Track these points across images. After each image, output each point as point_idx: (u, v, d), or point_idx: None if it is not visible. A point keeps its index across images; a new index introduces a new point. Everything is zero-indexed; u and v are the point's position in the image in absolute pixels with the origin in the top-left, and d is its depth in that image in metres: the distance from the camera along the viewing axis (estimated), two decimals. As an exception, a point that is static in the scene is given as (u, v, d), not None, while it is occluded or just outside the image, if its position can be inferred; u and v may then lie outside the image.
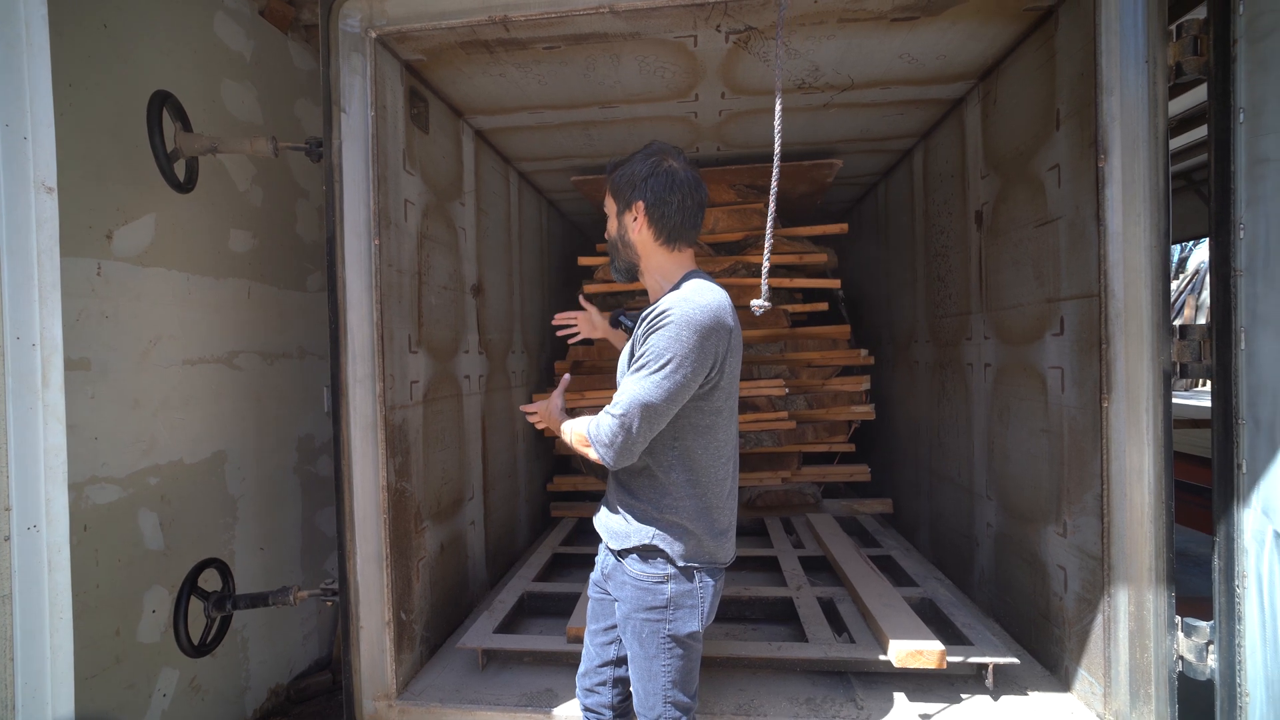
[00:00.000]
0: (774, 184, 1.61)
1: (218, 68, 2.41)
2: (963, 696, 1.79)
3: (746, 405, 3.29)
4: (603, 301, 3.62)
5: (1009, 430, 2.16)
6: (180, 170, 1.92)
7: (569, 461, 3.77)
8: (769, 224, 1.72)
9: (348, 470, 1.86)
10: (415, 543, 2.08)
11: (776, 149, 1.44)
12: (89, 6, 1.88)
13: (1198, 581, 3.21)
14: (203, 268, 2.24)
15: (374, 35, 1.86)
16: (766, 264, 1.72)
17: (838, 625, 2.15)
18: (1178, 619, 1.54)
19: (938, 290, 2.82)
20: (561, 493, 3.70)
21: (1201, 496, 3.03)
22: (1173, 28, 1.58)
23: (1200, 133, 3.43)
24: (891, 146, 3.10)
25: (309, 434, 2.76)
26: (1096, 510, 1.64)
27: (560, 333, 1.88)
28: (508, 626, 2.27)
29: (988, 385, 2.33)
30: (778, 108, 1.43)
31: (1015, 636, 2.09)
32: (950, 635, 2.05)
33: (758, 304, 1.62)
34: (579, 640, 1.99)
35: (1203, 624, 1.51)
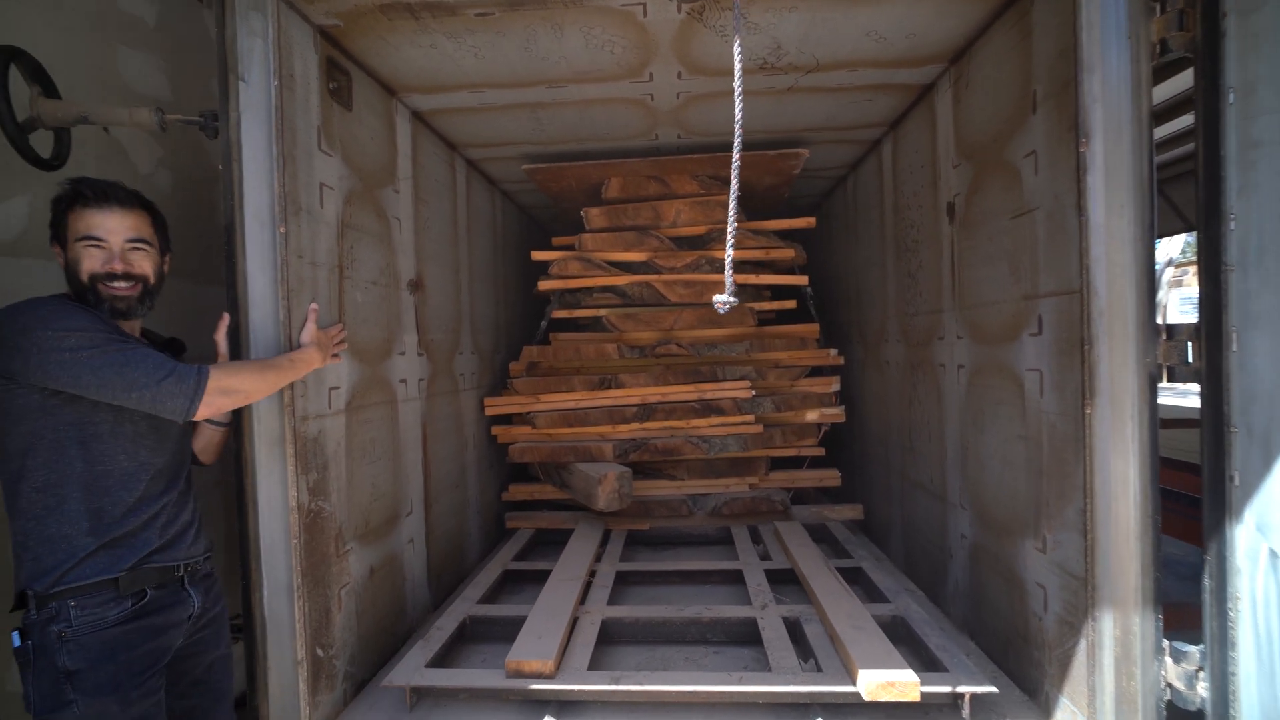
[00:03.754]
0: (735, 157, 1.44)
1: (112, 33, 2.13)
2: (937, 728, 1.65)
3: (711, 408, 3.12)
4: (560, 297, 3.42)
5: (984, 436, 2.02)
6: (45, 143, 1.66)
7: (525, 470, 3.55)
8: (731, 214, 1.56)
9: (251, 490, 1.62)
10: (336, 568, 1.85)
11: (738, 121, 1.26)
12: (-65, -48, 1.61)
13: (1173, 585, 3.17)
14: (91, 260, 1.96)
15: (276, -7, 1.62)
16: (730, 257, 1.58)
17: (805, 649, 1.99)
18: (1165, 643, 1.41)
19: (909, 287, 2.69)
20: (517, 502, 3.49)
21: (1182, 503, 2.97)
22: (1156, 2, 1.45)
23: (1170, 128, 3.38)
24: (860, 136, 2.96)
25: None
26: (1079, 526, 1.51)
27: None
28: (445, 656, 2.05)
29: (961, 388, 2.20)
30: (737, 72, 1.25)
31: (992, 656, 1.96)
32: (924, 657, 1.90)
33: (721, 299, 1.48)
34: (520, 674, 1.79)
35: (1192, 649, 1.39)
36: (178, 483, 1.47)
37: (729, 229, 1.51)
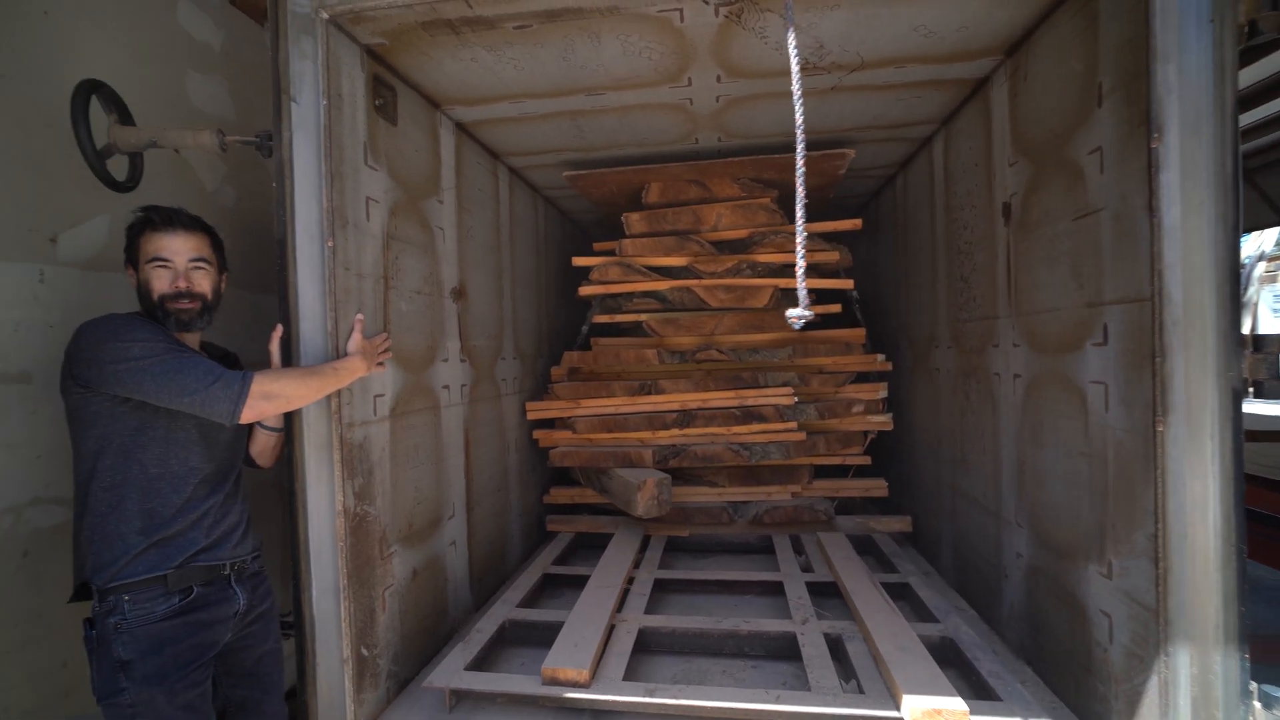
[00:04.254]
0: (800, 162, 1.37)
1: (181, 59, 2.27)
2: (989, 761, 1.56)
3: (752, 415, 3.06)
4: (601, 303, 3.43)
5: (1042, 451, 1.90)
6: (121, 167, 1.78)
7: (568, 473, 3.58)
8: (799, 218, 1.46)
9: (301, 494, 1.69)
10: (380, 570, 1.91)
11: (798, 119, 1.20)
12: (28, -8, 1.75)
13: (1263, 611, 2.88)
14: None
15: (325, 16, 1.68)
16: (801, 269, 1.47)
17: (846, 668, 1.92)
18: (1253, 686, 1.29)
19: (961, 292, 2.57)
20: (558, 505, 3.52)
21: (1268, 525, 2.72)
22: (1244, -20, 1.33)
23: (1260, 113, 3.11)
24: (909, 134, 2.84)
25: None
26: (1149, 553, 1.39)
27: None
28: (485, 659, 2.09)
29: (1017, 399, 2.07)
30: (795, 71, 1.21)
31: (1050, 686, 1.84)
32: (975, 683, 1.81)
33: (797, 314, 1.38)
34: (555, 682, 1.80)
35: (1283, 693, 1.26)
36: (224, 486, 1.55)
37: (798, 238, 1.41)
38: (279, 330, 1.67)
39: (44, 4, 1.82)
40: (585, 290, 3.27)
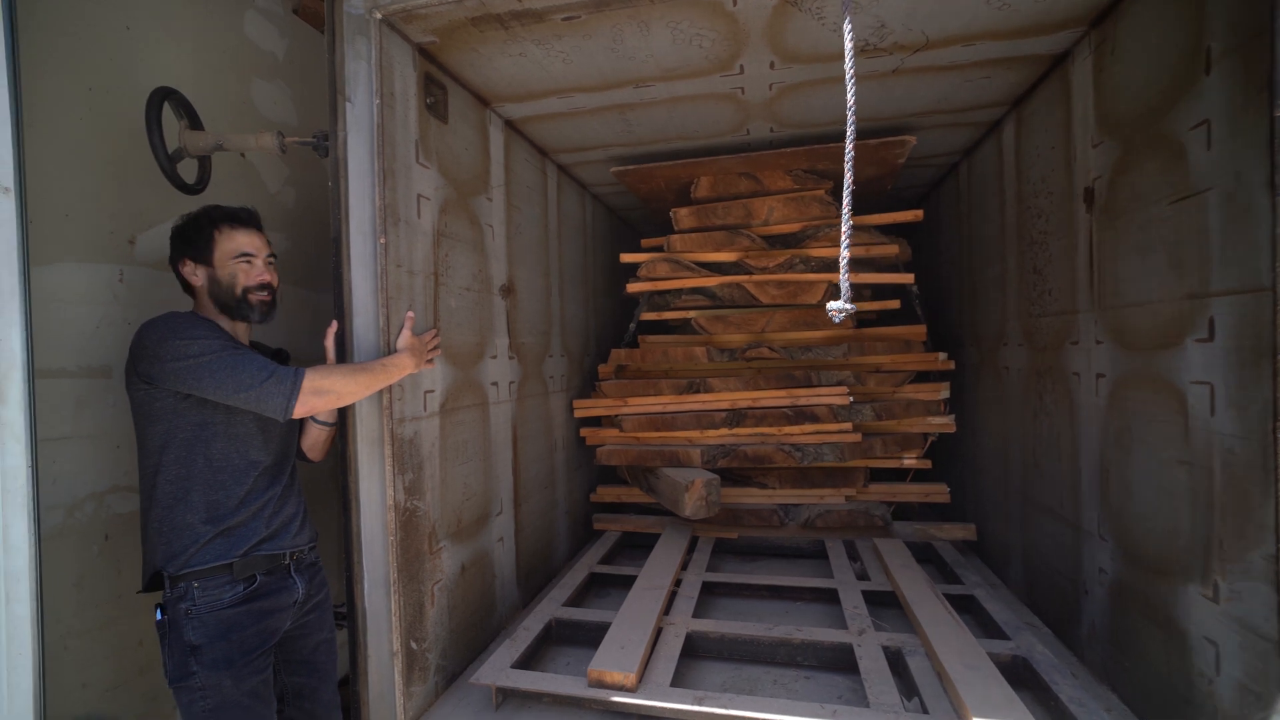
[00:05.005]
0: (848, 147, 1.27)
1: (248, 68, 2.36)
2: (1071, 795, 1.42)
3: (805, 415, 2.95)
4: (648, 299, 3.38)
5: (1131, 458, 1.74)
6: (191, 171, 1.85)
7: (614, 471, 3.56)
8: (845, 207, 1.37)
9: (354, 488, 1.72)
10: (429, 565, 1.93)
11: (850, 97, 1.11)
12: (112, 9, 1.84)
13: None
14: (230, 272, 2.18)
15: (379, 16, 1.70)
16: (845, 259, 1.37)
17: (907, 684, 1.81)
18: (1395, 732, 1.12)
19: (1033, 285, 2.39)
20: (605, 504, 3.50)
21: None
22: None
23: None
24: (975, 118, 2.67)
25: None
26: (1268, 575, 1.24)
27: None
28: (531, 657, 2.08)
29: (1101, 400, 1.91)
30: (848, 52, 1.13)
31: (1139, 714, 1.68)
32: (1053, 709, 1.67)
33: (837, 307, 1.29)
34: (602, 685, 1.77)
35: None
36: (281, 478, 1.59)
37: (843, 228, 1.31)
38: (334, 326, 1.71)
39: (126, 19, 1.92)
40: (633, 287, 3.23)
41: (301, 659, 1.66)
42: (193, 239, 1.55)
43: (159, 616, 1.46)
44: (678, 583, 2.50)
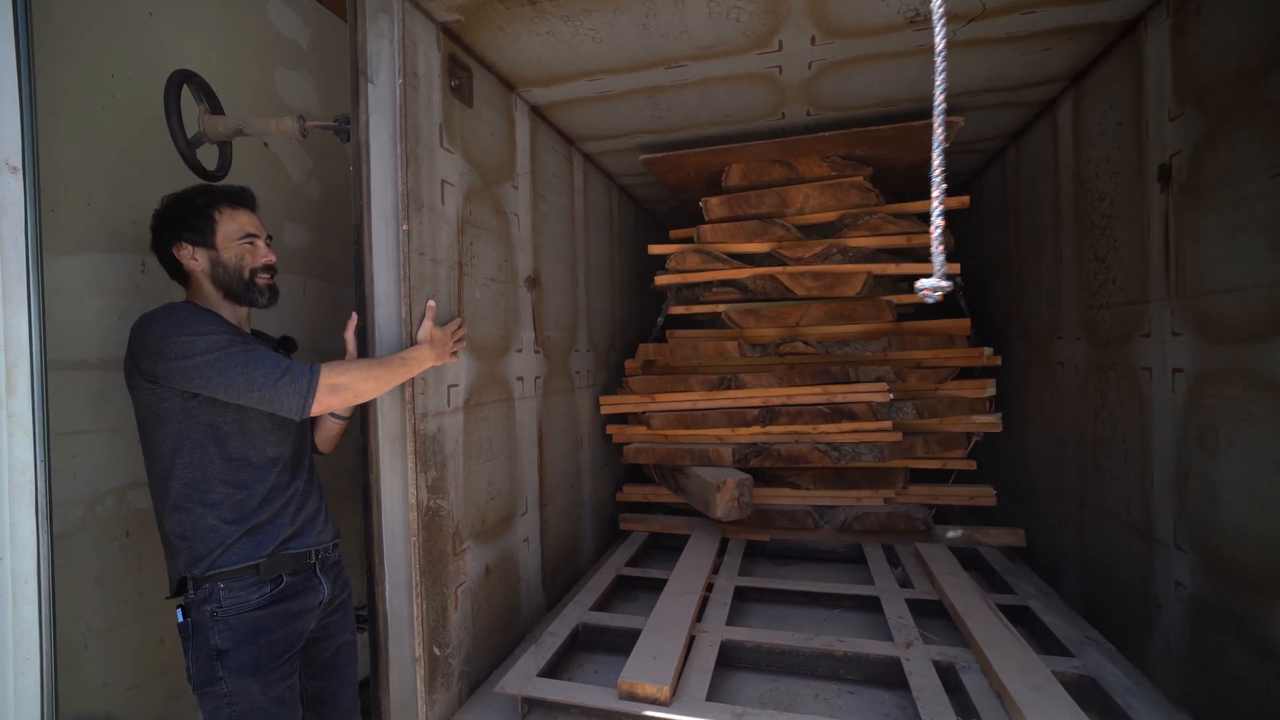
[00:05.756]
0: (938, 96, 1.01)
1: (271, 56, 2.31)
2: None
3: (842, 413, 2.82)
4: (677, 293, 3.28)
5: (1217, 461, 1.58)
6: (211, 157, 1.80)
7: (641, 470, 3.46)
8: (936, 169, 1.05)
9: (375, 486, 1.64)
10: (453, 567, 1.85)
11: (939, 60, 0.93)
12: (134, -5, 1.80)
13: None
14: (254, 263, 2.14)
15: (401, -9, 1.63)
16: (938, 229, 1.07)
17: (963, 704, 1.68)
18: None
19: (1095, 274, 2.22)
20: (632, 503, 3.40)
21: None
22: None
23: None
24: (1028, 97, 2.50)
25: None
26: (1399, 597, 1.08)
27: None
28: (558, 664, 1.99)
29: (1178, 398, 1.74)
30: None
31: (1226, 744, 1.53)
32: (1127, 735, 1.52)
33: (931, 285, 1.01)
34: (633, 697, 1.67)
35: None
36: (302, 473, 1.52)
37: (934, 189, 1.01)
38: (354, 319, 1.63)
39: (149, 5, 1.87)
40: (661, 279, 3.12)
41: (323, 662, 1.59)
42: (191, 220, 1.44)
43: (180, 619, 1.40)
44: (709, 587, 2.39)
